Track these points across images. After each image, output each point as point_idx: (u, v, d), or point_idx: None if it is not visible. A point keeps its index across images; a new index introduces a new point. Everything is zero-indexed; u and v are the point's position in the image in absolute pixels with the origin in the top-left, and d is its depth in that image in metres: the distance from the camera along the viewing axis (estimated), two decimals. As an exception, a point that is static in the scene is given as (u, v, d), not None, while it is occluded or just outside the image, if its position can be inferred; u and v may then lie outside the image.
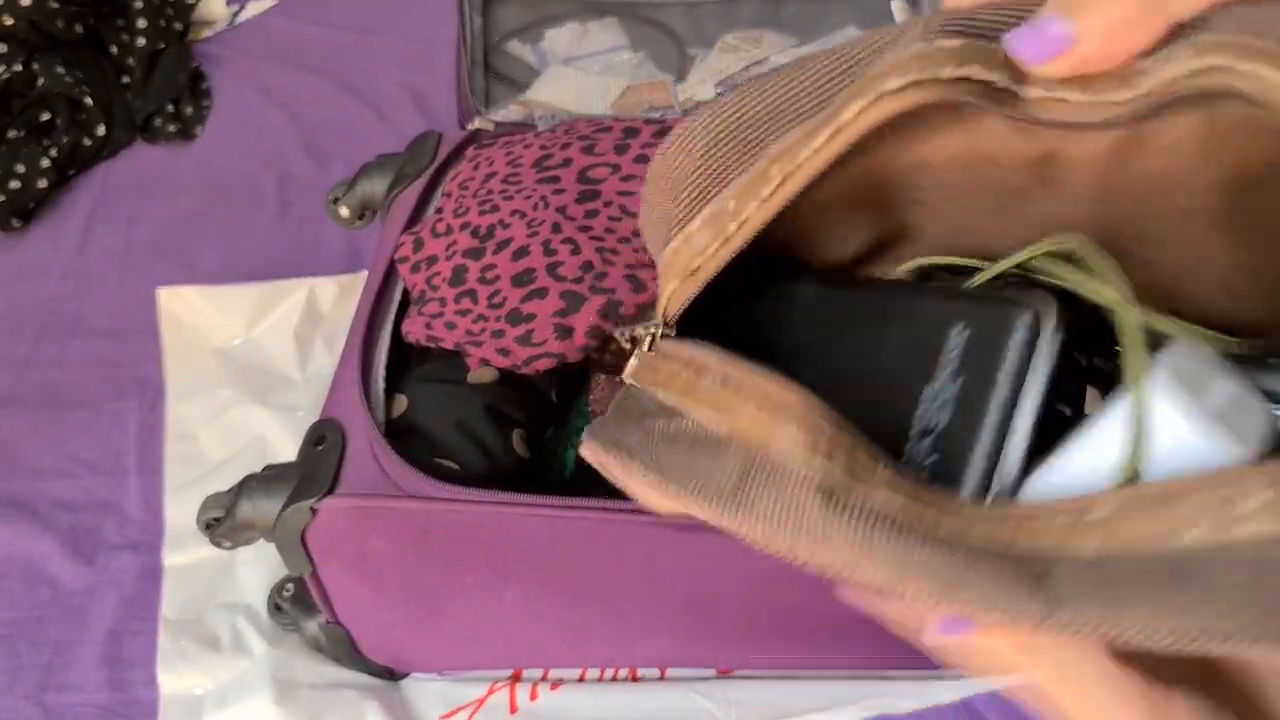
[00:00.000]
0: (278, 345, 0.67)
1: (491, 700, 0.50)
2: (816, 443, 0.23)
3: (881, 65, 0.23)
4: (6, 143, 0.80)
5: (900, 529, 0.21)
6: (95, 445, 0.63)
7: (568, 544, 0.42)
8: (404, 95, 0.88)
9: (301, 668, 0.51)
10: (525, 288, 0.47)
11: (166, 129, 0.85)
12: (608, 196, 0.51)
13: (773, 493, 0.23)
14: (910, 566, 0.21)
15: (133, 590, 0.56)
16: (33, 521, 0.59)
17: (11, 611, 0.55)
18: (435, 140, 0.60)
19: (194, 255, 0.75)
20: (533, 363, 0.45)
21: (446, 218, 0.53)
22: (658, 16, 0.85)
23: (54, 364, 0.68)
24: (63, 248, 0.76)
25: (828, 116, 0.23)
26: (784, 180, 0.24)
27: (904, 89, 0.22)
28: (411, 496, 0.42)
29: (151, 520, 0.59)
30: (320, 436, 0.45)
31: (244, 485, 0.44)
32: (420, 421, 0.46)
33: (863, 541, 0.21)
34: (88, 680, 0.53)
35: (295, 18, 0.97)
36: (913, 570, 0.21)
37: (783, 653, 0.49)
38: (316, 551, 0.44)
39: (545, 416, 0.51)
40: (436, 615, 0.47)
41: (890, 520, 0.22)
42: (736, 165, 0.26)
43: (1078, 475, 0.22)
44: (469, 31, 0.82)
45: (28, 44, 0.84)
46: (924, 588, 0.21)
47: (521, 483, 0.46)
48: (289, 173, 0.82)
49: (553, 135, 0.57)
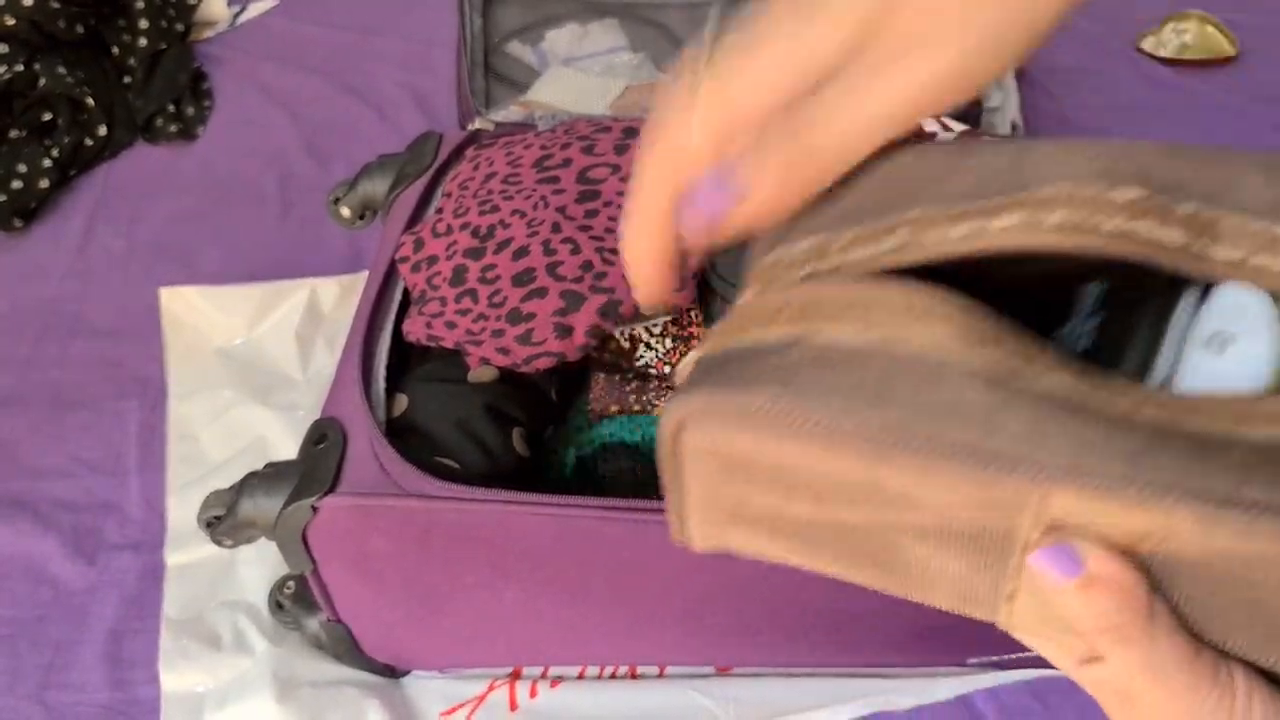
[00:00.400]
0: (279, 345, 0.68)
1: (492, 698, 0.50)
2: (972, 334, 0.21)
3: (1048, 190, 0.22)
4: (8, 143, 0.81)
5: (1074, 410, 0.20)
6: (96, 445, 0.63)
7: (568, 543, 0.42)
8: (405, 96, 0.88)
9: (303, 666, 0.51)
10: (525, 287, 0.48)
11: (168, 129, 0.85)
12: (608, 196, 0.51)
13: (932, 389, 0.21)
14: (1089, 447, 0.20)
15: (134, 589, 0.56)
16: (34, 521, 0.59)
17: (13, 611, 0.56)
18: (436, 140, 0.60)
19: (195, 255, 0.75)
20: (533, 362, 0.45)
21: (447, 218, 0.53)
22: (658, 17, 0.85)
23: (55, 364, 0.68)
24: (64, 248, 0.76)
25: (977, 212, 0.23)
26: (903, 246, 0.23)
27: (1062, 229, 0.21)
28: (412, 495, 0.42)
29: (152, 520, 0.59)
30: (321, 435, 0.45)
31: (245, 483, 0.44)
32: (421, 420, 0.46)
33: (1036, 426, 0.20)
34: (89, 680, 0.53)
35: (296, 18, 0.97)
36: (1093, 451, 0.20)
37: (782, 650, 0.50)
38: (317, 550, 0.44)
39: (545, 415, 0.51)
40: (437, 613, 0.47)
41: (1064, 400, 0.20)
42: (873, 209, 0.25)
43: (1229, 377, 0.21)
44: (469, 32, 0.82)
45: (29, 44, 0.84)
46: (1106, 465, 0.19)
47: (521, 482, 0.46)
48: (290, 173, 0.82)
49: (553, 135, 0.57)
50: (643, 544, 0.43)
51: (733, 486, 0.25)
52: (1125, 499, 0.19)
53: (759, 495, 0.25)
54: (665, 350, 0.51)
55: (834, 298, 0.23)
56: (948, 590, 0.24)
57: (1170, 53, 0.91)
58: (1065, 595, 0.21)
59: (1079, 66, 0.90)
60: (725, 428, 0.23)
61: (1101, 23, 0.95)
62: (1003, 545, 0.22)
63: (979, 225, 0.22)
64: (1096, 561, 0.21)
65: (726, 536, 0.27)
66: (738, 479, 0.25)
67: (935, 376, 0.21)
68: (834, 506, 0.24)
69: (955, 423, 0.20)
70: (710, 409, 0.23)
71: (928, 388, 0.21)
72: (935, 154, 0.25)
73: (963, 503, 0.21)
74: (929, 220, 0.23)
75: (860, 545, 0.24)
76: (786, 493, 0.24)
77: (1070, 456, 0.20)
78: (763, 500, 0.25)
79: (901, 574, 0.24)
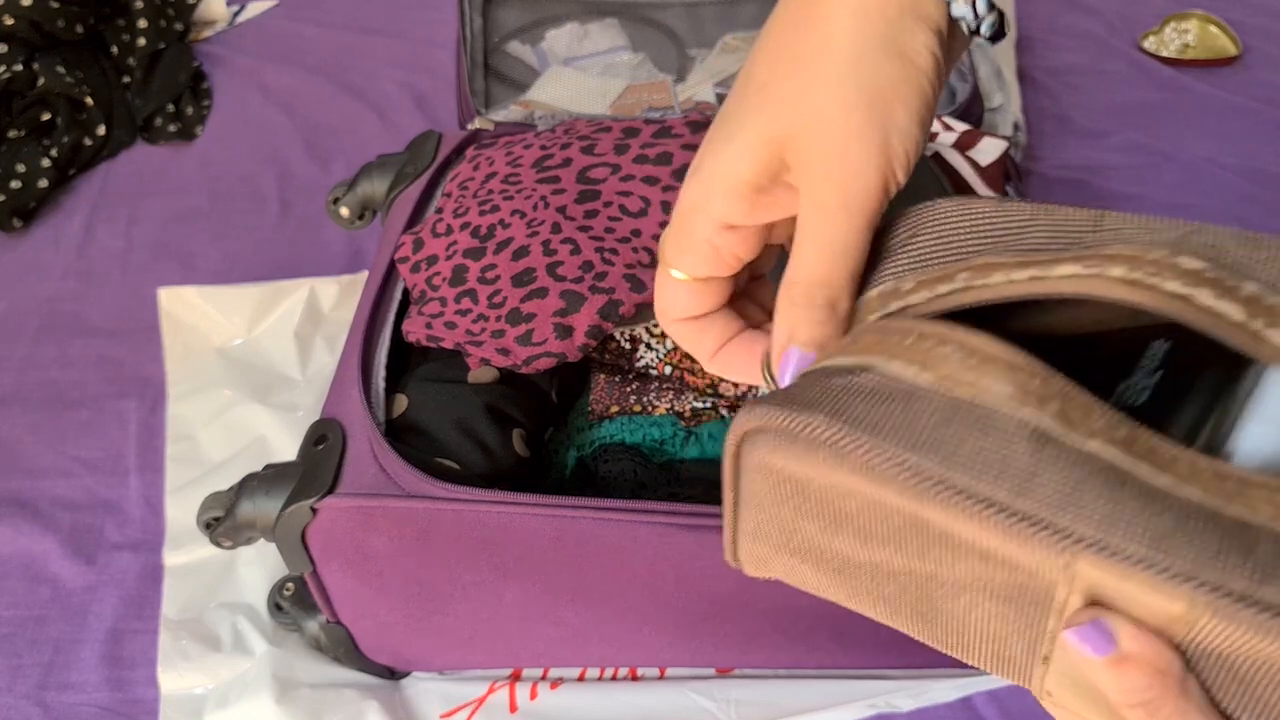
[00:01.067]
0: (278, 345, 0.67)
1: (492, 699, 0.50)
2: (1028, 389, 0.22)
3: (1117, 247, 0.22)
4: (7, 142, 0.80)
5: (1116, 477, 0.20)
6: (96, 445, 0.63)
7: (567, 543, 0.42)
8: (404, 95, 0.88)
9: (302, 667, 0.51)
10: (525, 287, 0.48)
11: (167, 129, 0.85)
12: (608, 197, 0.51)
13: (978, 438, 0.21)
14: (1118, 521, 0.20)
15: (133, 590, 0.56)
16: (33, 521, 0.59)
17: (12, 611, 0.55)
18: (435, 140, 0.60)
19: (194, 255, 0.75)
20: (533, 362, 0.45)
21: (447, 218, 0.53)
22: (658, 17, 0.85)
23: (55, 364, 0.68)
24: (63, 248, 0.76)
25: (1044, 261, 0.23)
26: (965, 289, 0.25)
27: (1123, 282, 0.22)
28: (412, 496, 0.42)
29: (152, 520, 0.59)
30: (321, 436, 0.45)
31: (244, 484, 0.44)
32: (421, 421, 0.46)
33: (1072, 491, 0.20)
34: (88, 680, 0.53)
35: (296, 18, 0.97)
36: (1120, 525, 0.20)
37: (782, 652, 0.49)
38: (317, 551, 0.44)
39: (545, 416, 0.51)
40: (436, 614, 0.47)
41: (1107, 465, 0.21)
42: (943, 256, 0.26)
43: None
44: (469, 32, 0.82)
45: (28, 44, 0.84)
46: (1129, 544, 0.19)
47: (522, 482, 0.46)
48: (290, 173, 0.82)
49: (553, 135, 0.57)
50: (642, 545, 0.42)
51: (785, 510, 0.25)
52: (1142, 582, 0.19)
53: (808, 523, 0.25)
54: (665, 350, 0.51)
55: (897, 335, 0.24)
56: (984, 649, 0.24)
57: (1172, 52, 0.91)
58: (1098, 669, 0.22)
59: (1081, 66, 0.90)
60: (778, 447, 0.24)
61: (1103, 22, 0.95)
62: (1039, 608, 0.22)
63: (1043, 271, 0.23)
64: (1129, 639, 0.21)
65: (775, 564, 0.28)
66: (790, 503, 0.25)
67: (984, 426, 0.21)
68: (878, 548, 0.24)
69: (990, 476, 0.21)
70: (767, 425, 0.24)
71: (974, 436, 0.21)
72: (1014, 208, 0.26)
73: (999, 559, 0.21)
74: (994, 265, 0.24)
75: (902, 592, 0.25)
76: (833, 526, 0.24)
77: (1098, 528, 0.20)
78: (811, 530, 0.25)
79: (942, 627, 0.24)
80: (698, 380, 0.51)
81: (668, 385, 0.51)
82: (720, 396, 0.50)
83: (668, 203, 0.50)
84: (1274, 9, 0.96)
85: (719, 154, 0.28)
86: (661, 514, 0.42)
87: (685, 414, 0.50)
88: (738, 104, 0.28)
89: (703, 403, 0.50)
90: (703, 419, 0.50)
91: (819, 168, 0.26)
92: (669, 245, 0.29)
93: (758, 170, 0.27)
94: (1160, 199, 0.77)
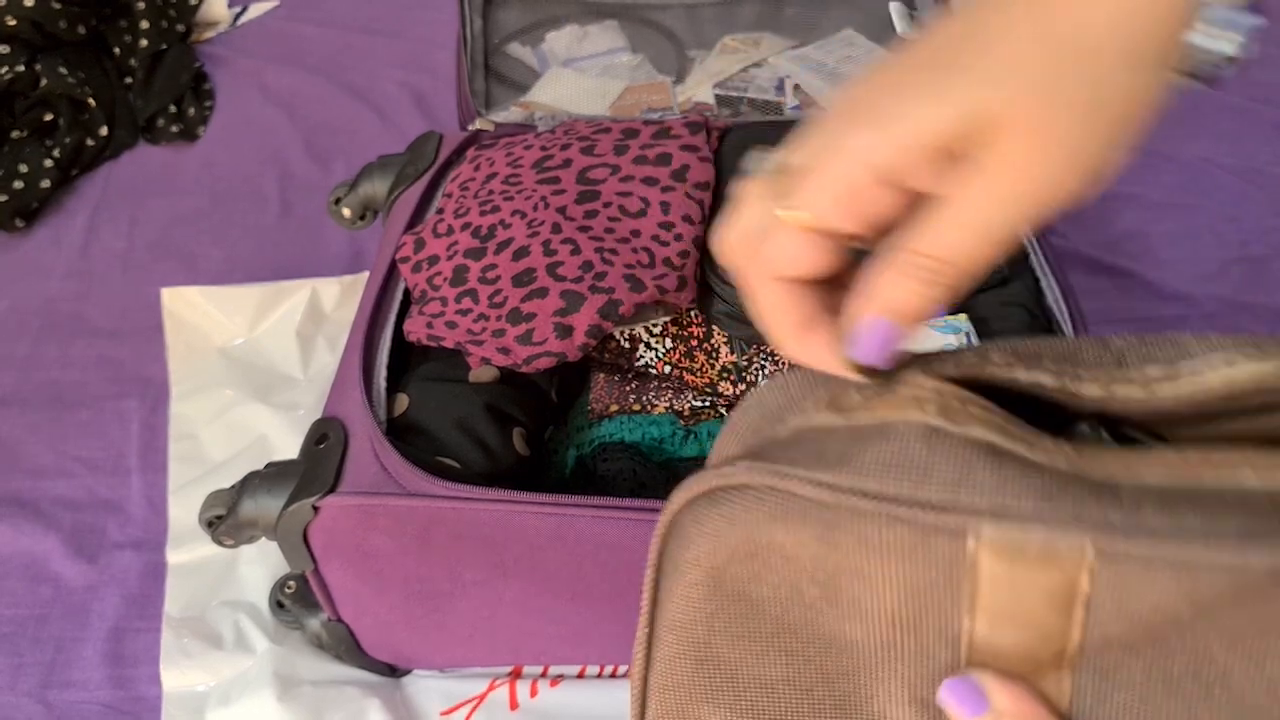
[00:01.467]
0: (280, 345, 0.68)
1: (492, 696, 0.51)
2: (916, 399, 0.25)
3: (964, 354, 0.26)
4: (10, 143, 0.81)
5: (995, 456, 0.23)
6: (98, 444, 0.63)
7: (567, 541, 0.43)
8: (405, 96, 0.89)
9: (304, 665, 0.51)
10: (526, 287, 0.48)
11: (169, 129, 0.85)
12: (607, 197, 0.52)
13: (879, 445, 0.24)
14: (1006, 487, 0.23)
15: (135, 588, 0.56)
16: (35, 520, 0.59)
17: (14, 610, 0.56)
18: (436, 141, 0.60)
19: (196, 255, 0.75)
20: (533, 361, 0.46)
21: (448, 218, 0.53)
22: (657, 18, 0.85)
23: (56, 364, 0.68)
24: (65, 248, 0.76)
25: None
26: None
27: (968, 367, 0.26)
28: (413, 494, 0.42)
29: (154, 519, 0.59)
30: (322, 435, 0.45)
31: (246, 483, 0.44)
32: (421, 420, 0.46)
33: (965, 470, 0.23)
34: (91, 678, 0.53)
35: (297, 19, 0.97)
36: (1008, 489, 0.23)
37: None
38: (318, 549, 0.44)
39: (545, 415, 0.51)
40: (437, 612, 0.47)
41: (988, 445, 0.24)
42: None
43: None
44: (469, 33, 0.82)
45: (31, 45, 0.85)
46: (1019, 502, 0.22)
47: (522, 481, 0.47)
48: (291, 173, 0.82)
49: (553, 136, 0.57)
50: (641, 543, 0.43)
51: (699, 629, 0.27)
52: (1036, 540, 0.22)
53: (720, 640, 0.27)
54: (665, 350, 0.51)
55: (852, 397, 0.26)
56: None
57: (1170, 53, 0.91)
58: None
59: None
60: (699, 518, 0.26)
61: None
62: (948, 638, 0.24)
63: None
64: (998, 694, 0.23)
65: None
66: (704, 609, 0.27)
67: (884, 435, 0.24)
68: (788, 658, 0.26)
69: (893, 476, 0.23)
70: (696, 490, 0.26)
71: (875, 446, 0.24)
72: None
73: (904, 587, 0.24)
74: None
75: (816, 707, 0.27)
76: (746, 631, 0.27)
77: (991, 497, 0.23)
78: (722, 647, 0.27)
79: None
80: (696, 379, 0.51)
81: (667, 384, 0.51)
82: (719, 395, 0.51)
83: (666, 203, 0.51)
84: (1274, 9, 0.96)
85: (912, 100, 0.25)
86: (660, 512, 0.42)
87: (684, 413, 0.50)
88: (952, 55, 0.25)
89: (702, 401, 0.51)
90: (702, 418, 0.51)
91: (1019, 155, 0.24)
92: (807, 185, 0.26)
93: (952, 132, 0.24)
94: (1158, 199, 0.77)
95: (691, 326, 0.51)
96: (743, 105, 0.74)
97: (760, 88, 0.76)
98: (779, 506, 0.25)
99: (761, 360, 0.51)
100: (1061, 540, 0.22)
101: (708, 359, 0.51)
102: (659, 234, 0.50)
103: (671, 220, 0.50)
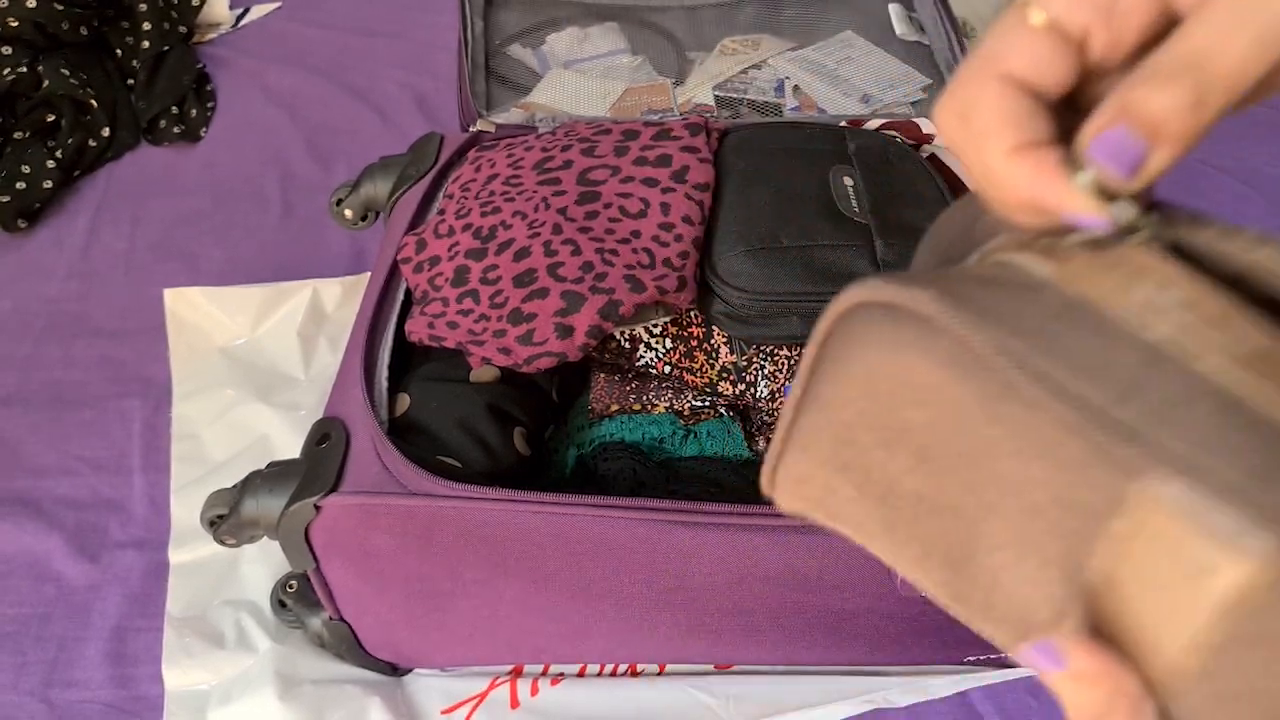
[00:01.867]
0: (282, 345, 0.68)
1: (493, 695, 0.51)
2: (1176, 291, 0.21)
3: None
4: (12, 144, 0.81)
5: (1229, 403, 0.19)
6: (100, 444, 0.64)
7: (568, 540, 0.43)
8: (406, 97, 0.89)
9: (305, 664, 0.51)
10: (527, 288, 0.48)
11: (171, 130, 0.86)
12: (607, 198, 0.52)
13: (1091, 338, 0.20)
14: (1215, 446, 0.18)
15: (137, 587, 0.57)
16: (38, 519, 0.59)
17: (17, 609, 0.56)
18: (437, 142, 0.60)
19: (198, 256, 0.75)
20: (534, 361, 0.46)
21: (449, 219, 0.54)
22: (657, 20, 0.86)
23: (58, 364, 0.68)
24: (67, 248, 0.76)
25: None
26: None
27: None
28: (414, 494, 0.42)
29: (156, 518, 0.60)
30: (324, 434, 0.45)
31: (248, 482, 0.45)
32: (423, 420, 0.47)
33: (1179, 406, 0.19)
34: (93, 677, 0.53)
35: (299, 20, 0.97)
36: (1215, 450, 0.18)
37: (780, 648, 0.50)
38: (320, 548, 0.45)
39: (546, 415, 0.51)
40: (438, 611, 0.47)
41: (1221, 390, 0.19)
42: None
43: None
44: (470, 35, 0.83)
45: (33, 46, 0.85)
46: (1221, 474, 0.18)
47: (522, 480, 0.47)
48: (292, 174, 0.82)
49: (553, 137, 0.57)
50: (641, 542, 0.43)
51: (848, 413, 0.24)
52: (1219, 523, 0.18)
53: (866, 435, 0.24)
54: (665, 350, 0.51)
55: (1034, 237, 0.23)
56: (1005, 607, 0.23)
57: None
58: (1058, 682, 0.22)
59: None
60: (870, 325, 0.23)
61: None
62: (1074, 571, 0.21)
63: None
64: (1077, 659, 0.21)
65: (814, 484, 0.26)
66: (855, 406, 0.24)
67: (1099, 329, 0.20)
68: (932, 474, 0.23)
69: (1091, 380, 0.19)
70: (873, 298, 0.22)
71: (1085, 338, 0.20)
72: None
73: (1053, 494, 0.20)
74: None
75: (940, 534, 0.24)
76: (894, 439, 0.24)
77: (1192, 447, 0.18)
78: (867, 441, 0.24)
79: (968, 578, 0.23)
80: (696, 379, 0.51)
81: (667, 384, 0.51)
82: (719, 395, 0.51)
83: (667, 204, 0.51)
84: (1271, 12, 0.97)
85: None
86: (660, 511, 0.42)
87: (684, 412, 0.51)
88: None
89: (701, 401, 0.51)
90: (701, 417, 0.51)
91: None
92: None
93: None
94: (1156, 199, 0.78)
95: (691, 327, 0.51)
96: (742, 107, 0.74)
97: (760, 89, 0.76)
98: (954, 353, 0.21)
99: (761, 360, 0.51)
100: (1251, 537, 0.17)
101: (708, 359, 0.51)
102: (659, 235, 0.50)
103: (671, 221, 0.50)
